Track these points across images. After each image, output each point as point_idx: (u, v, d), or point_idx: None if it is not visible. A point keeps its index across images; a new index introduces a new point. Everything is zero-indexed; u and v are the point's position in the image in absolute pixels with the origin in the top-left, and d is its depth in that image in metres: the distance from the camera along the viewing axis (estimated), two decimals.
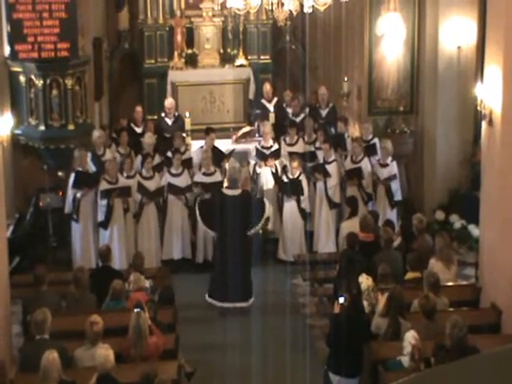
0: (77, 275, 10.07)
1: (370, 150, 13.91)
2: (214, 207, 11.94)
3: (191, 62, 17.40)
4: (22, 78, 13.09)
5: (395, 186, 13.54)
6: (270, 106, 15.82)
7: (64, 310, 10.11)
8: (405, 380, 4.24)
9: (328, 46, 16.86)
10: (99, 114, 15.56)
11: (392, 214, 13.35)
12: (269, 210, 13.71)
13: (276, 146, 14.18)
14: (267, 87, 16.22)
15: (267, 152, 14.06)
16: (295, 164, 13.38)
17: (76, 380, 8.05)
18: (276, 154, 14.06)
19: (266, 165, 13.99)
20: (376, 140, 14.20)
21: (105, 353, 8.06)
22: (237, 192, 11.99)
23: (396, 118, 14.74)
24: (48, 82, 12.87)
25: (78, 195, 12.81)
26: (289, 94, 15.93)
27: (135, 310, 8.86)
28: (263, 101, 16.13)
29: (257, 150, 14.18)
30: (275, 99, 16.05)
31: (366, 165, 13.60)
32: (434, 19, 14.19)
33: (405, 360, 8.31)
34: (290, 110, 15.65)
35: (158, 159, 13.85)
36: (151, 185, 13.13)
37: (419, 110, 14.90)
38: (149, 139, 14.00)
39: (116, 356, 8.33)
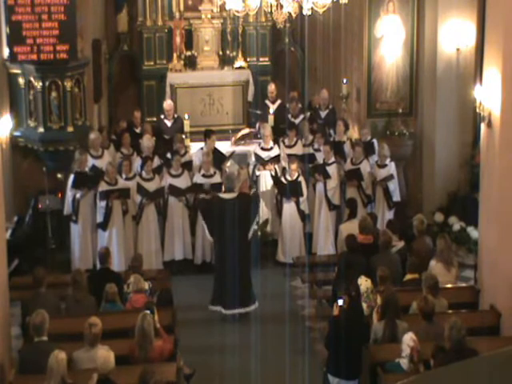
0: (75, 278, 10.06)
1: (368, 150, 13.92)
2: (213, 211, 11.90)
3: (190, 64, 17.41)
4: (21, 80, 13.10)
5: (393, 186, 13.54)
6: (273, 108, 15.79)
7: (63, 311, 10.11)
8: (404, 382, 4.25)
9: (327, 48, 16.88)
10: (98, 115, 15.57)
11: (390, 216, 13.33)
12: (267, 210, 13.77)
13: (276, 150, 14.16)
14: (272, 87, 16.18)
15: (266, 156, 14.03)
16: (294, 166, 13.37)
17: (76, 383, 8.04)
18: (275, 160, 14.03)
19: (264, 169, 13.99)
20: (374, 140, 14.22)
21: (105, 354, 8.04)
22: (233, 195, 11.93)
23: (395, 120, 14.74)
24: (47, 83, 12.88)
25: (78, 196, 12.81)
26: (295, 95, 15.85)
27: (144, 312, 8.89)
28: (266, 101, 16.10)
29: (256, 155, 14.16)
30: (278, 101, 16.01)
31: (365, 166, 13.61)
32: (433, 21, 14.21)
33: (404, 362, 8.30)
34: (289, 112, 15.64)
35: (157, 162, 13.84)
36: (151, 186, 13.11)
37: (418, 112, 14.90)
38: (147, 141, 13.97)
39: (121, 358, 8.32)
